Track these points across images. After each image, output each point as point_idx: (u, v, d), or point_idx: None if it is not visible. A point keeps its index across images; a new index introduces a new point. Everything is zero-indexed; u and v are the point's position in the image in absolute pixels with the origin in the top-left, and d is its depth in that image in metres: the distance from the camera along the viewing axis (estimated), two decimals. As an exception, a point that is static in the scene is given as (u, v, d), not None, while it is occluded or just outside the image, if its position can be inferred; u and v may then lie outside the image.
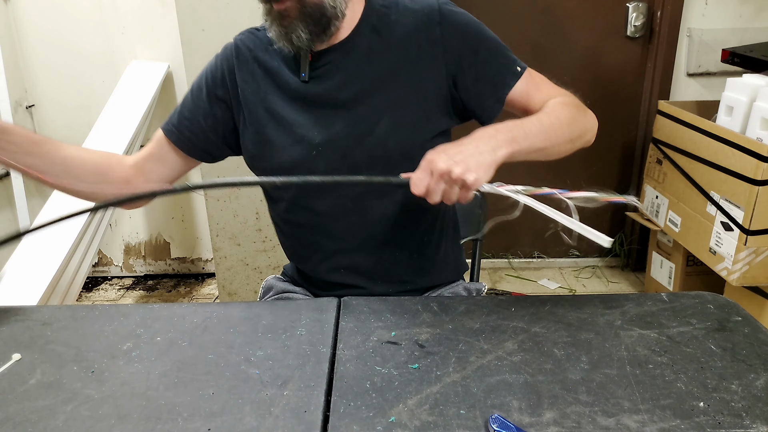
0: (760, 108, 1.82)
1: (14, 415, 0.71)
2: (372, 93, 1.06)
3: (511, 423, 0.66)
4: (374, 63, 1.06)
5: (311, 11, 0.99)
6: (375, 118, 1.06)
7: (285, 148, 1.08)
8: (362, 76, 1.06)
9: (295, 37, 1.00)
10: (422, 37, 1.06)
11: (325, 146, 1.06)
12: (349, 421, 0.68)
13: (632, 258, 2.72)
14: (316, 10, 1.00)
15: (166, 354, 0.82)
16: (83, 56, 2.42)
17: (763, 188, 1.76)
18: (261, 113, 1.09)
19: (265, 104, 1.09)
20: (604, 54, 2.47)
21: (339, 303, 0.94)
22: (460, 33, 1.06)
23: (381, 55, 1.06)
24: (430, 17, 1.06)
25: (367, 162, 1.05)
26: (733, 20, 2.37)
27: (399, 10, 1.07)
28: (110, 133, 2.20)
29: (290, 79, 1.08)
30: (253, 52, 1.10)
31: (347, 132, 1.06)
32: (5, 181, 2.38)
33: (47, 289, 1.76)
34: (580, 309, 0.91)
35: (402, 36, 1.06)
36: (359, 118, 1.06)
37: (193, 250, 2.73)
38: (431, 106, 1.07)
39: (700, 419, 0.68)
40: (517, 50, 1.16)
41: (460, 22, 1.07)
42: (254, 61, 1.10)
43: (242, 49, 1.11)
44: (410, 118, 1.06)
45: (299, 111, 1.07)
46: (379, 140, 1.06)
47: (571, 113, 1.05)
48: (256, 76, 1.10)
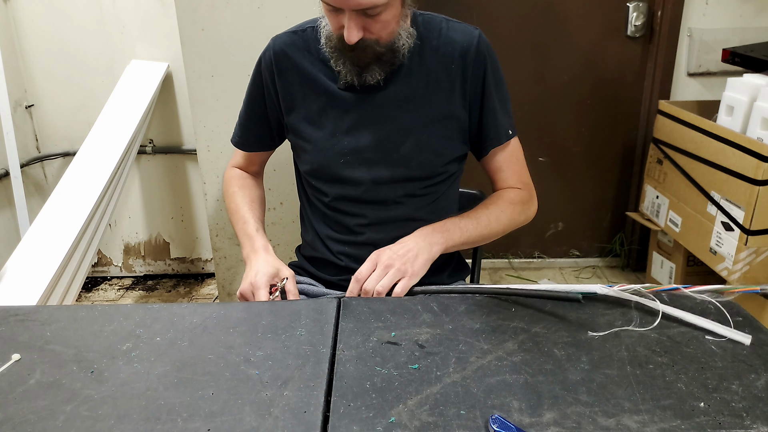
0: (761, 108, 1.82)
1: (14, 416, 0.70)
2: (402, 113, 1.10)
3: (511, 423, 0.66)
4: (409, 84, 1.10)
5: (388, 57, 1.05)
6: (401, 137, 1.11)
7: (316, 151, 1.14)
8: (396, 95, 1.10)
9: (369, 76, 1.06)
10: (456, 67, 1.10)
11: (353, 156, 1.11)
12: (349, 421, 0.68)
13: (633, 258, 2.72)
14: (391, 55, 1.06)
15: (165, 354, 0.82)
16: (83, 56, 2.42)
17: (763, 188, 1.76)
18: (299, 118, 1.15)
19: (302, 108, 1.14)
20: (605, 54, 2.47)
21: (339, 303, 0.94)
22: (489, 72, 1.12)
23: (417, 77, 1.10)
24: (467, 51, 1.10)
25: (389, 178, 1.12)
26: (733, 20, 2.36)
27: (441, 37, 1.11)
28: (110, 133, 2.20)
29: (328, 84, 1.12)
30: (291, 58, 1.14)
31: (374, 146, 1.11)
32: (5, 181, 2.38)
33: (47, 289, 1.76)
34: (580, 309, 0.91)
35: (438, 63, 1.10)
36: (387, 134, 1.11)
37: (192, 250, 2.73)
38: (453, 132, 1.13)
39: (700, 419, 0.68)
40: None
41: (491, 62, 1.13)
42: (293, 67, 1.14)
43: (280, 55, 1.15)
44: (434, 142, 1.11)
45: (336, 117, 1.12)
46: (403, 159, 1.11)
47: (511, 215, 1.16)
48: (294, 82, 1.14)
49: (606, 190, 2.68)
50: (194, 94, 1.93)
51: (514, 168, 1.20)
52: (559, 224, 2.73)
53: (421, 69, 1.10)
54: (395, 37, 1.04)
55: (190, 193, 2.62)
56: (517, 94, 2.57)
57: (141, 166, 2.58)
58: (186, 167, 2.58)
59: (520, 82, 2.48)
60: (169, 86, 2.43)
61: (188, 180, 2.60)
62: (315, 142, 1.13)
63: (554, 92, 2.51)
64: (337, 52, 1.05)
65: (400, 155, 1.11)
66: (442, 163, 1.14)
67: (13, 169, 2.17)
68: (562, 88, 2.50)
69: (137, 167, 2.57)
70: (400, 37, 1.05)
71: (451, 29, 1.12)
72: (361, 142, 1.10)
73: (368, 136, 1.10)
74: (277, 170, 1.92)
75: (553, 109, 2.54)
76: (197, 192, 2.59)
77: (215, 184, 2.04)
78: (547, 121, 2.56)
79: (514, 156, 1.20)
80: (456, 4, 2.38)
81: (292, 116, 1.16)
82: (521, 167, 1.21)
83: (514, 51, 2.45)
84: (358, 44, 1.00)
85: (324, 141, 1.12)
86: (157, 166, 2.58)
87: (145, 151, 2.51)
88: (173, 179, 2.60)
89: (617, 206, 2.70)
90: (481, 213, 1.13)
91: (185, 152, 2.53)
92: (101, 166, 2.10)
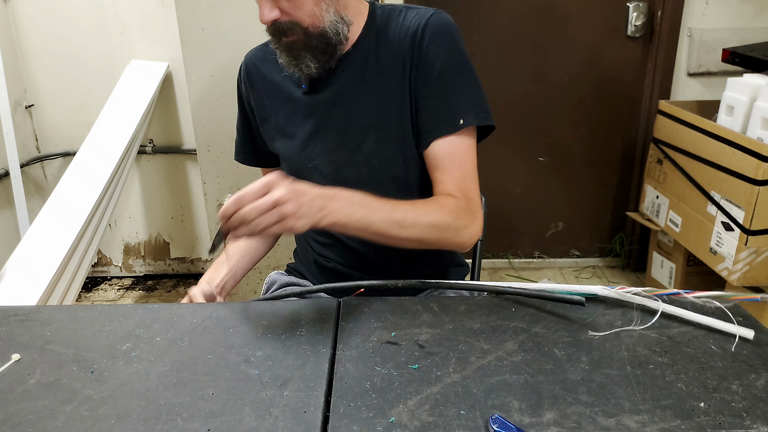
0: (761, 108, 1.82)
1: (14, 416, 0.70)
2: (360, 111, 1.07)
3: (511, 423, 0.66)
4: (365, 82, 1.07)
5: (316, 43, 1.02)
6: (361, 136, 1.08)
7: (287, 159, 1.14)
8: (353, 94, 1.07)
9: (304, 66, 1.03)
10: (407, 56, 1.04)
11: (319, 159, 1.10)
12: (349, 421, 0.68)
13: (633, 258, 2.72)
14: (320, 41, 1.01)
15: (165, 354, 0.82)
16: (83, 56, 2.42)
17: (763, 188, 1.76)
18: (270, 127, 1.15)
19: (272, 118, 1.14)
20: (605, 54, 2.47)
21: (339, 303, 0.94)
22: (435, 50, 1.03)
23: (372, 73, 1.07)
24: (415, 35, 1.04)
25: (356, 179, 1.07)
26: (733, 20, 2.36)
27: (397, 27, 1.06)
28: (110, 133, 2.20)
29: (293, 90, 1.11)
30: (259, 70, 1.15)
31: (338, 147, 1.09)
32: (5, 181, 2.38)
33: (47, 289, 1.76)
34: (580, 309, 0.91)
35: (392, 55, 1.06)
36: (348, 134, 1.08)
37: (192, 250, 2.73)
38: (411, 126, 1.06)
39: (700, 419, 0.68)
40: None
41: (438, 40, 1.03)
42: (261, 79, 1.15)
43: (251, 69, 1.16)
44: (393, 139, 1.07)
45: (300, 123, 1.11)
46: (366, 158, 1.08)
47: (437, 221, 0.97)
48: (263, 93, 1.15)
49: (606, 190, 2.68)
50: (194, 94, 1.93)
51: (457, 171, 1.03)
52: (559, 224, 2.73)
53: (376, 63, 1.06)
54: (321, 21, 0.99)
55: (190, 193, 2.62)
56: (517, 94, 2.59)
57: (141, 166, 2.58)
58: (186, 167, 2.58)
59: (520, 82, 2.48)
60: (169, 86, 2.43)
61: (188, 180, 2.60)
62: (286, 150, 1.14)
63: (554, 92, 2.51)
64: (276, 44, 1.03)
65: (362, 154, 1.07)
66: (407, 160, 1.07)
67: (13, 169, 2.17)
68: (562, 88, 2.50)
69: (137, 167, 2.57)
70: (324, 21, 0.99)
71: (407, 17, 1.05)
72: (325, 145, 1.09)
73: (331, 138, 1.09)
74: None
75: (553, 109, 2.54)
76: (197, 192, 2.59)
77: (215, 184, 2.04)
78: (547, 121, 2.56)
79: (459, 154, 1.03)
80: (456, 4, 2.38)
81: (265, 127, 1.16)
82: (468, 173, 1.03)
83: (514, 51, 2.45)
84: (279, 27, 0.98)
85: (293, 148, 1.12)
86: (157, 166, 2.58)
87: (145, 151, 2.51)
88: (173, 179, 2.60)
89: (617, 206, 2.70)
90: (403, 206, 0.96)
91: (185, 152, 2.53)
92: (101, 166, 2.10)
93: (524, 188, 2.64)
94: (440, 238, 0.99)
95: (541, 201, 2.68)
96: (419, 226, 0.95)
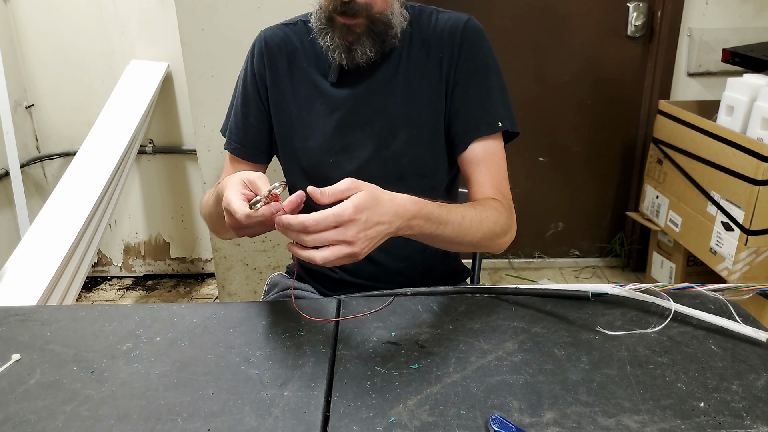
0: (761, 108, 1.82)
1: (14, 416, 0.70)
2: (392, 108, 1.05)
3: (511, 423, 0.66)
4: (399, 78, 1.05)
5: (380, 30, 0.99)
6: (392, 133, 1.05)
7: (305, 151, 1.08)
8: (386, 90, 1.05)
9: (359, 53, 0.99)
10: (445, 56, 1.05)
11: (343, 155, 1.06)
12: (349, 421, 0.68)
13: (633, 258, 2.72)
14: (383, 28, 0.99)
15: (165, 354, 0.82)
16: (83, 56, 2.42)
17: (763, 188, 1.76)
18: (287, 114, 1.09)
19: (291, 105, 1.08)
20: (605, 54, 2.47)
21: (339, 303, 0.94)
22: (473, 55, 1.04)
23: (406, 71, 1.05)
24: (453, 37, 1.04)
25: (382, 177, 0.98)
26: (733, 20, 2.36)
27: (429, 27, 1.06)
28: (110, 133, 2.20)
29: (318, 80, 1.07)
30: (282, 50, 1.09)
31: (364, 144, 1.05)
32: (5, 181, 2.38)
33: (47, 289, 1.76)
34: (580, 309, 0.91)
35: (427, 54, 1.05)
36: (377, 131, 1.05)
37: (192, 250, 2.73)
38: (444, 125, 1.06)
39: (700, 419, 0.68)
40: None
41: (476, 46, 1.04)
42: (284, 60, 1.08)
43: (272, 46, 1.09)
44: (425, 137, 1.06)
45: (323, 115, 1.07)
46: (395, 156, 1.06)
47: (493, 226, 0.96)
48: (284, 77, 1.08)
49: (606, 190, 2.68)
50: (194, 94, 1.93)
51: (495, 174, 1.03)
52: (559, 224, 2.73)
53: (410, 60, 1.05)
54: (389, 8, 0.99)
55: (190, 193, 2.62)
56: (517, 94, 2.57)
57: (141, 166, 2.58)
58: (186, 167, 2.58)
59: (520, 82, 2.48)
60: (169, 86, 2.43)
61: (188, 180, 2.60)
62: (304, 140, 1.07)
63: (554, 92, 2.51)
64: (327, 24, 0.99)
65: (391, 151, 1.05)
66: (436, 159, 1.07)
67: (13, 169, 2.17)
68: (562, 88, 2.51)
69: (137, 167, 2.57)
70: (393, 11, 0.99)
71: (440, 19, 1.06)
72: (350, 139, 1.05)
73: (357, 133, 1.05)
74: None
75: (553, 109, 2.54)
76: (197, 192, 2.59)
77: (215, 184, 2.03)
78: (547, 121, 2.56)
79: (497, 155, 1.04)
80: (457, 4, 2.38)
81: (279, 111, 1.09)
82: (502, 175, 1.05)
83: (514, 51, 2.45)
84: (353, 6, 0.95)
85: (314, 141, 1.07)
86: (157, 166, 2.58)
87: (145, 151, 2.51)
88: (173, 179, 2.60)
89: (617, 206, 2.70)
90: (466, 211, 0.93)
91: (185, 152, 2.53)
92: (101, 166, 2.10)
93: (524, 188, 2.64)
94: (492, 241, 0.98)
95: (541, 201, 2.68)
96: (480, 232, 0.94)
